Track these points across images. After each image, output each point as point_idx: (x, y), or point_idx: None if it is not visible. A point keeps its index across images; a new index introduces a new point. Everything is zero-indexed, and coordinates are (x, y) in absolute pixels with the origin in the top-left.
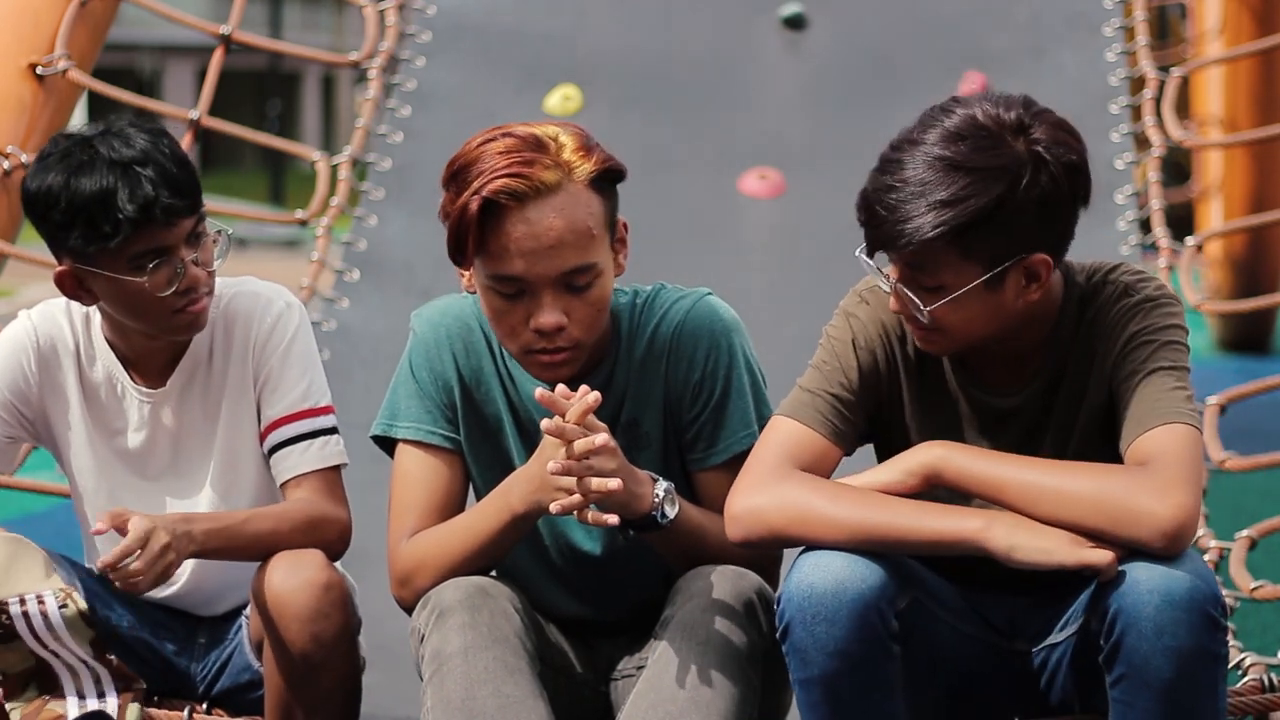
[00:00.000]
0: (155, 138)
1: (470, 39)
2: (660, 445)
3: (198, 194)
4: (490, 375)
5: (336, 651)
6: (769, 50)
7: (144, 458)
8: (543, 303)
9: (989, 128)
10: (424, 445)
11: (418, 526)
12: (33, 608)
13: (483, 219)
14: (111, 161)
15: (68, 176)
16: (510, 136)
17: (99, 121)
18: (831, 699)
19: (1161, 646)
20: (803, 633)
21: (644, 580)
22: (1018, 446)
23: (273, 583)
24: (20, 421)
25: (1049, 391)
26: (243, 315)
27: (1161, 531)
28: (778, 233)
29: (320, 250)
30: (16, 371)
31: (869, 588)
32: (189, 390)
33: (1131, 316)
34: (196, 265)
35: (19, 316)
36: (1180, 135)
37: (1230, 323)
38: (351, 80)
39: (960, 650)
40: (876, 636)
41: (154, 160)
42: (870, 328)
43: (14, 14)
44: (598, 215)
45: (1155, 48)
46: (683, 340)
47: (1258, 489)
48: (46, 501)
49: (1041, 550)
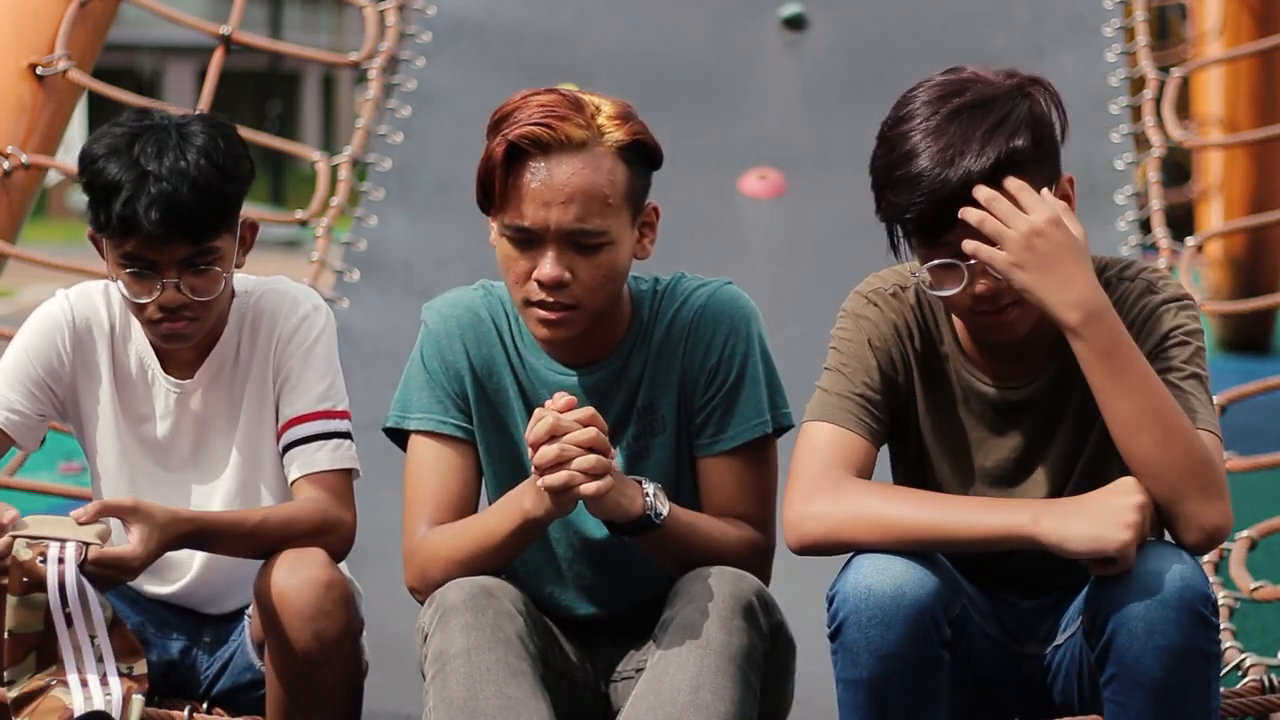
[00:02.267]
0: (202, 156)
1: (470, 39)
2: (675, 430)
3: (207, 227)
4: (502, 365)
5: (338, 650)
6: (769, 50)
7: (167, 447)
8: (547, 254)
9: (967, 80)
10: (437, 435)
11: (433, 517)
12: (70, 553)
13: (507, 164)
14: (136, 160)
15: (106, 152)
16: (553, 93)
17: (191, 112)
18: (878, 702)
19: (1152, 646)
20: (856, 634)
21: (651, 575)
22: (1029, 441)
23: (275, 580)
24: (51, 400)
25: (1060, 384)
26: (269, 312)
27: (1209, 536)
28: (778, 233)
29: (320, 250)
30: (51, 350)
31: (927, 594)
32: (215, 384)
33: (1162, 315)
34: (182, 291)
35: (56, 295)
36: (1180, 135)
37: (1230, 323)
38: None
39: (987, 655)
40: (930, 643)
41: (175, 178)
42: (882, 327)
43: (14, 14)
44: (619, 185)
45: (1155, 48)
46: (702, 324)
47: (1258, 489)
48: (46, 501)
49: (1094, 540)
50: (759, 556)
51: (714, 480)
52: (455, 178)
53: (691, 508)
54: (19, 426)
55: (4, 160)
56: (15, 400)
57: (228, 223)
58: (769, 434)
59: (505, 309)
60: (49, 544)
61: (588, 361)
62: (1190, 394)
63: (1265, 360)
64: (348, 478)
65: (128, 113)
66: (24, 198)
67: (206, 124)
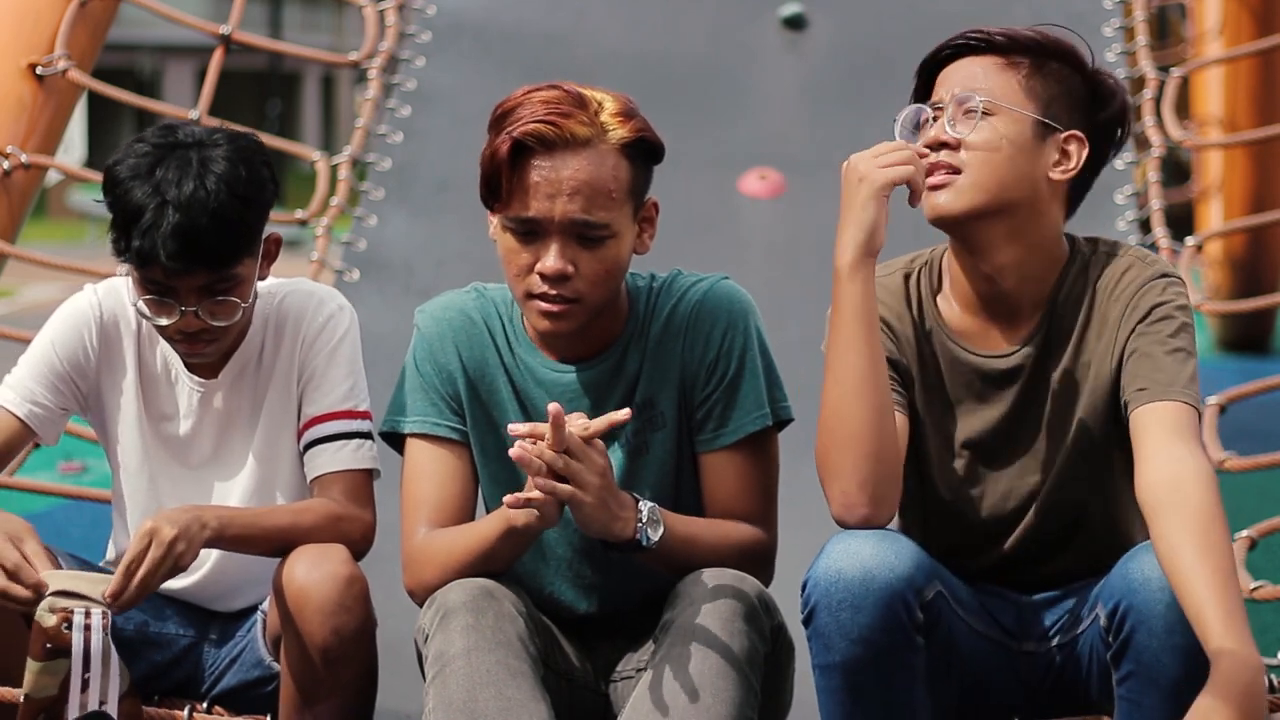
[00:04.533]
0: (223, 184)
1: (470, 39)
2: (674, 426)
3: (227, 256)
4: (495, 366)
5: (357, 646)
6: (769, 50)
7: (188, 446)
8: (550, 247)
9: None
10: (431, 438)
11: (430, 520)
12: (95, 622)
13: (511, 161)
14: (157, 186)
15: (129, 175)
16: (556, 89)
17: (217, 127)
18: (852, 686)
19: (1172, 645)
20: (827, 618)
21: (651, 575)
22: (1013, 408)
23: (295, 575)
24: (74, 394)
25: (1044, 353)
26: (294, 314)
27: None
28: (778, 233)
29: (320, 250)
30: (77, 344)
31: (896, 577)
32: (239, 384)
33: (1150, 289)
34: (201, 317)
35: (84, 290)
36: (1180, 135)
37: (1230, 323)
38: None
39: (974, 650)
40: (901, 626)
41: (195, 208)
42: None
43: (14, 14)
44: (622, 181)
45: (1155, 48)
46: (700, 319)
47: (1257, 489)
48: (46, 501)
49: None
50: (761, 558)
51: (716, 476)
52: (455, 177)
53: (693, 504)
54: (42, 420)
55: (4, 160)
56: (39, 393)
57: (249, 249)
58: (769, 427)
59: (498, 310)
60: (75, 610)
61: (584, 358)
62: (1173, 367)
63: (1265, 360)
64: (368, 477)
65: (154, 128)
66: (24, 198)
67: (231, 146)
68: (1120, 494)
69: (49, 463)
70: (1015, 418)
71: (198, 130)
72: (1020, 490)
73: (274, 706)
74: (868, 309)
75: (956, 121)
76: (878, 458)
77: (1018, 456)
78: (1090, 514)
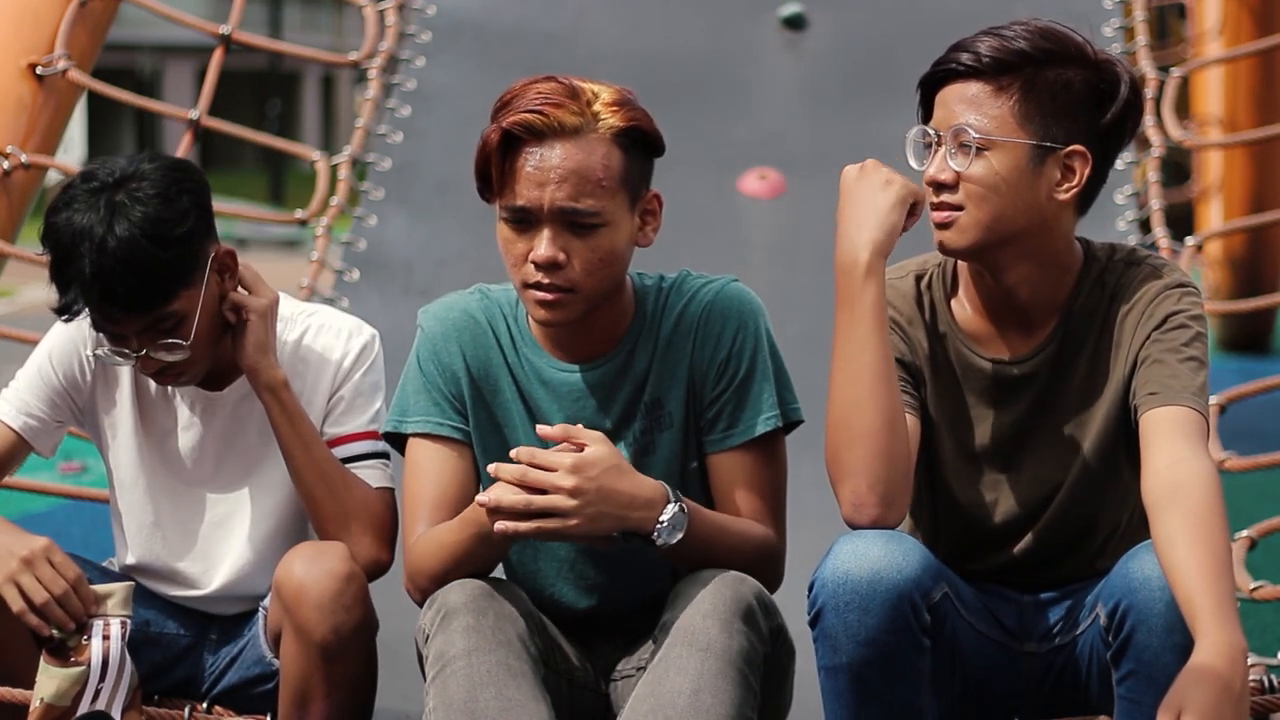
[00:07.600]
0: (135, 228)
1: (470, 39)
2: (682, 426)
3: (153, 298)
4: (499, 367)
5: (355, 643)
6: (769, 50)
7: (187, 460)
8: (543, 234)
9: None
10: (434, 438)
11: (431, 519)
12: (115, 630)
13: (502, 150)
14: (71, 241)
15: (50, 226)
16: (552, 81)
17: (144, 156)
18: (858, 688)
19: (1172, 644)
20: (834, 619)
21: (651, 574)
22: (1027, 414)
23: (295, 571)
24: (70, 409)
25: (1059, 359)
26: (319, 354)
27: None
28: (778, 233)
29: (320, 250)
30: (73, 359)
31: (904, 579)
32: (250, 400)
33: (1166, 297)
34: (153, 357)
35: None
36: (1180, 135)
37: (1230, 323)
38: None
39: (977, 651)
40: (908, 628)
41: (106, 259)
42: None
43: (14, 14)
44: (614, 169)
45: (1155, 48)
46: (711, 319)
47: (1257, 489)
48: (47, 502)
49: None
50: (774, 559)
51: (725, 477)
52: (455, 178)
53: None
54: (37, 432)
55: (4, 160)
56: (35, 406)
57: (181, 283)
58: (779, 428)
59: (502, 311)
60: (94, 620)
61: (589, 357)
62: (1185, 375)
63: (1265, 360)
64: (393, 498)
65: (83, 169)
66: (24, 198)
67: (149, 181)
68: (1131, 500)
69: (49, 463)
70: (1029, 423)
71: (119, 165)
72: (1033, 496)
73: (274, 705)
74: (880, 309)
75: (953, 155)
76: (889, 458)
77: (1031, 462)
78: (1101, 520)
